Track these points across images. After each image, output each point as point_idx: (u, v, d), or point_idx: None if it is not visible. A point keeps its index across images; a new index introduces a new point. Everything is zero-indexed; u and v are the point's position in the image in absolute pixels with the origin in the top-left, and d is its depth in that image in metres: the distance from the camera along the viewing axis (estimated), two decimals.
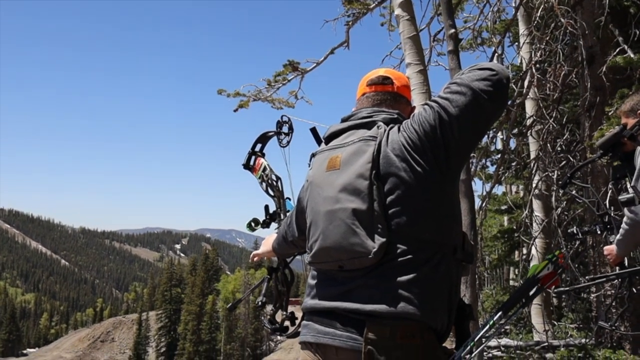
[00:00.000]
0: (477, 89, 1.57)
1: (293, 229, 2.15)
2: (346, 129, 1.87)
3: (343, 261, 1.66)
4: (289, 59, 9.04)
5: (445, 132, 1.60)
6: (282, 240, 2.29)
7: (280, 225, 2.38)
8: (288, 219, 2.22)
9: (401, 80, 1.98)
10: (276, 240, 2.37)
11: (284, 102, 9.43)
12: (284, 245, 2.31)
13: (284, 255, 2.57)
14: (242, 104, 9.26)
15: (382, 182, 1.63)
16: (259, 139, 3.06)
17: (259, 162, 3.02)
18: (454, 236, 1.69)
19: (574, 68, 6.91)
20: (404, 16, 6.05)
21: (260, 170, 2.99)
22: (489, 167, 10.19)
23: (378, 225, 1.60)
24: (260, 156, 3.05)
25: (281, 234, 2.29)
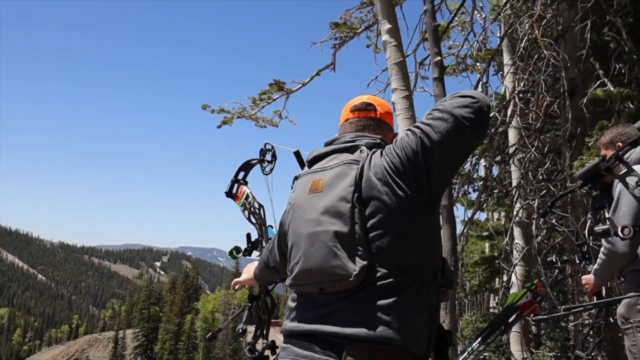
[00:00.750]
0: (458, 116, 1.59)
1: (275, 254, 2.14)
2: (329, 152, 1.88)
3: (324, 283, 1.65)
4: (274, 79, 9.10)
5: (427, 157, 1.61)
6: (264, 267, 2.27)
7: (262, 253, 2.36)
8: (270, 244, 2.22)
9: (384, 107, 2.00)
10: (258, 267, 2.36)
11: (268, 121, 9.45)
12: (265, 272, 2.29)
13: (266, 282, 2.56)
14: (226, 120, 9.26)
15: (364, 205, 1.64)
16: (242, 167, 3.07)
17: (241, 190, 3.03)
18: (434, 261, 1.69)
19: (556, 99, 7.02)
20: (391, 42, 6.13)
21: (243, 198, 2.99)
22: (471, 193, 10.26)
23: (359, 248, 1.60)
24: (243, 184, 3.06)
25: (263, 260, 2.27)
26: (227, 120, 9.25)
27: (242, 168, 3.07)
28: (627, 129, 3.38)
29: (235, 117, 9.27)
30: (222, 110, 9.24)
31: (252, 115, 9.36)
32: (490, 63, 8.57)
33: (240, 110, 9.28)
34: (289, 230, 1.84)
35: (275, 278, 2.39)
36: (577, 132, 6.09)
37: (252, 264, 2.47)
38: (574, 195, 5.96)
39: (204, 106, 9.24)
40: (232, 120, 9.27)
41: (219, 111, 9.24)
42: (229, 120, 9.26)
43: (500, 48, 8.83)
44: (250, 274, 2.45)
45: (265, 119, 9.48)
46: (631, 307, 3.07)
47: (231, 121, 9.27)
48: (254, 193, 2.98)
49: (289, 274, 1.81)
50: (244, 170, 3.08)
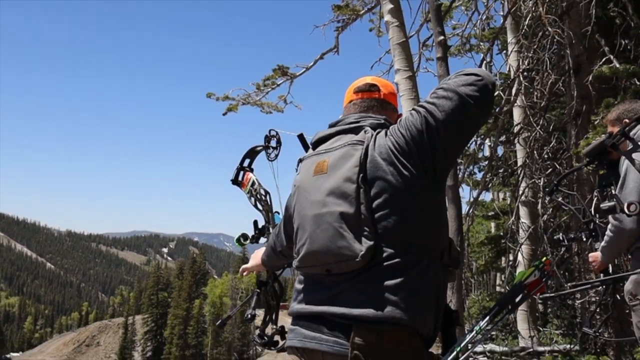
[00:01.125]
0: (463, 94, 1.59)
1: (281, 238, 2.14)
2: (334, 134, 1.88)
3: (330, 265, 1.65)
4: (278, 64, 9.06)
5: (431, 136, 1.61)
6: (271, 252, 2.28)
7: (269, 238, 2.37)
8: (276, 229, 2.22)
9: (388, 87, 2.00)
10: (265, 253, 2.36)
11: (273, 107, 9.44)
12: (273, 257, 2.30)
13: (274, 267, 2.56)
14: (231, 107, 9.25)
15: (369, 185, 1.64)
16: (247, 154, 3.07)
17: (247, 177, 3.03)
18: (441, 241, 1.69)
19: (561, 77, 6.97)
20: (394, 22, 6.08)
21: (249, 185, 3.00)
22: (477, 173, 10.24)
23: (365, 228, 1.60)
24: (248, 171, 3.06)
25: (270, 245, 2.28)
26: (232, 107, 9.25)
27: (247, 155, 3.07)
28: (633, 105, 3.35)
29: (240, 103, 9.26)
30: (227, 98, 9.23)
31: (257, 102, 9.35)
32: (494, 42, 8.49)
33: (245, 96, 9.27)
34: (294, 213, 1.84)
35: (283, 263, 2.39)
36: (582, 109, 6.05)
37: (260, 250, 2.48)
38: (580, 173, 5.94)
39: (209, 94, 9.23)
40: (237, 107, 9.26)
41: (224, 98, 9.23)
42: (234, 107, 9.25)
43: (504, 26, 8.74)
44: (257, 260, 2.46)
45: (270, 105, 9.47)
46: (638, 283, 3.08)
47: (236, 108, 9.26)
48: (259, 180, 2.99)
49: (295, 256, 1.81)
50: (249, 157, 3.08)
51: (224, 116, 9.38)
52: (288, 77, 9.17)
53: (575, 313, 8.17)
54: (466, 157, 8.35)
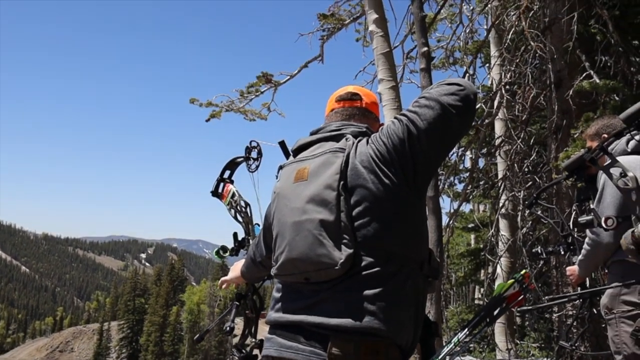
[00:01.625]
0: (445, 103, 1.60)
1: (261, 248, 2.13)
2: (315, 141, 1.88)
3: (309, 273, 1.64)
4: (262, 71, 9.09)
5: (413, 145, 1.62)
6: (251, 263, 2.27)
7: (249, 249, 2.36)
8: (256, 239, 2.21)
9: (370, 97, 2.02)
10: (245, 264, 2.35)
11: (256, 114, 9.44)
12: (252, 268, 2.29)
13: (253, 279, 2.54)
14: (214, 114, 9.23)
15: (349, 193, 1.64)
16: (228, 165, 3.08)
17: (227, 189, 3.03)
18: (421, 251, 1.69)
19: (543, 91, 7.06)
20: (378, 32, 6.12)
21: (229, 197, 3.00)
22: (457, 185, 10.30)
23: (345, 236, 1.60)
24: (228, 183, 3.06)
25: (249, 256, 2.27)
26: (215, 114, 9.23)
27: (228, 166, 3.08)
28: (612, 120, 3.39)
29: (223, 110, 9.27)
30: (210, 104, 9.22)
31: (241, 109, 9.36)
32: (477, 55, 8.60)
33: (228, 103, 9.28)
34: (273, 220, 1.83)
35: (263, 274, 2.38)
36: (562, 124, 6.13)
37: (239, 262, 2.46)
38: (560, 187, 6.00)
39: (192, 100, 9.21)
40: (220, 114, 9.26)
41: (207, 104, 9.22)
42: (217, 113, 9.24)
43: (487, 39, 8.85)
44: (237, 272, 2.45)
45: (253, 112, 9.48)
46: (614, 297, 3.10)
47: (219, 114, 9.25)
48: (240, 191, 2.98)
49: (273, 264, 1.79)
50: (230, 169, 3.08)
51: (207, 122, 9.37)
52: (272, 84, 9.19)
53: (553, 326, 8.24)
54: (447, 168, 8.40)
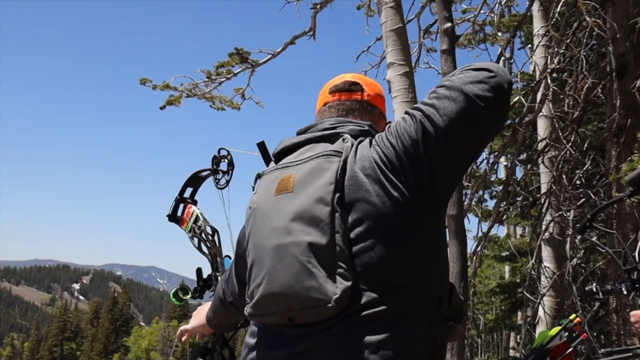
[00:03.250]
0: (470, 94, 1.60)
1: (233, 283, 2.14)
2: (303, 142, 1.89)
3: (294, 312, 1.64)
4: (236, 47, 9.06)
5: (429, 147, 1.63)
6: (220, 304, 2.28)
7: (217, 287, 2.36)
8: (226, 273, 2.22)
9: (373, 87, 2.04)
10: (211, 308, 2.37)
11: (226, 102, 9.44)
12: (222, 312, 2.30)
13: (223, 327, 2.56)
14: (171, 100, 9.21)
15: (347, 209, 1.65)
16: (189, 181, 3.11)
17: (188, 212, 3.06)
18: (439, 285, 1.70)
19: (601, 80, 7.08)
20: (388, 3, 6.11)
21: (191, 222, 3.02)
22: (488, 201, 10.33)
23: (341, 264, 1.60)
24: (190, 203, 3.09)
25: (218, 296, 2.28)
26: (173, 100, 9.21)
27: (189, 183, 3.10)
28: None
29: (184, 95, 9.23)
30: (167, 87, 9.19)
31: (207, 94, 9.35)
32: (515, 33, 8.62)
33: (190, 87, 9.26)
34: (248, 244, 1.83)
35: (236, 320, 2.42)
36: (627, 124, 6.14)
37: (204, 307, 2.47)
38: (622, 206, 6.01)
39: (143, 80, 9.17)
40: (179, 100, 9.23)
41: (163, 87, 9.19)
42: (175, 99, 9.21)
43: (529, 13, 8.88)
44: (201, 318, 2.45)
45: (223, 99, 9.48)
46: None
47: (178, 101, 9.23)
48: (205, 215, 3.00)
49: (247, 300, 1.79)
50: (192, 186, 3.11)
51: (162, 110, 9.33)
52: (248, 64, 9.19)
53: None
54: (474, 179, 8.41)
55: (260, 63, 9.24)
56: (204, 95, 9.32)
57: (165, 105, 9.27)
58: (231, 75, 9.29)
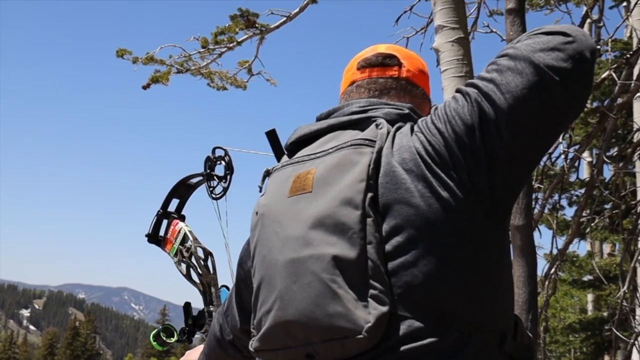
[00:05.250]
0: (541, 65, 1.55)
1: (233, 315, 2.15)
2: (325, 130, 1.89)
3: (314, 345, 1.63)
4: (241, 8, 8.94)
5: (488, 135, 1.59)
6: (215, 345, 2.28)
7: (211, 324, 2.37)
8: (224, 304, 2.24)
9: (414, 61, 2.03)
10: (205, 351, 2.37)
11: (228, 79, 9.39)
12: (218, 355, 2.31)
13: None
14: (157, 76, 9.18)
15: (382, 214, 1.63)
16: (175, 190, 3.09)
17: (174, 230, 3.02)
18: (501, 315, 1.67)
19: None
20: None
21: (177, 242, 2.97)
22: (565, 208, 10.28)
23: (374, 284, 1.57)
24: (177, 219, 3.05)
25: (213, 334, 2.29)
26: (159, 77, 9.16)
27: (175, 193, 3.08)
28: None
29: (173, 71, 9.19)
30: (152, 60, 9.16)
31: (203, 69, 9.28)
32: None
33: (182, 59, 9.21)
34: (254, 260, 1.84)
35: None
36: None
37: (194, 351, 2.48)
38: None
39: (121, 52, 9.17)
40: (167, 77, 9.18)
41: (146, 61, 9.16)
42: (162, 76, 9.17)
43: None
44: None
45: (224, 76, 9.41)
46: None
47: (166, 78, 9.18)
48: (195, 233, 2.96)
49: (253, 331, 1.80)
50: (179, 197, 3.09)
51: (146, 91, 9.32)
52: (256, 30, 9.13)
53: None
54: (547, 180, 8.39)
55: (272, 28, 9.18)
56: (199, 71, 9.26)
57: (149, 83, 9.21)
58: (234, 45, 9.23)
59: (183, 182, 3.06)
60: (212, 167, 2.90)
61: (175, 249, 2.97)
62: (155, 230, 3.05)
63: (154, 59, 9.16)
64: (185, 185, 3.07)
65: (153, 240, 3.05)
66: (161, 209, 3.06)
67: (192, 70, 9.26)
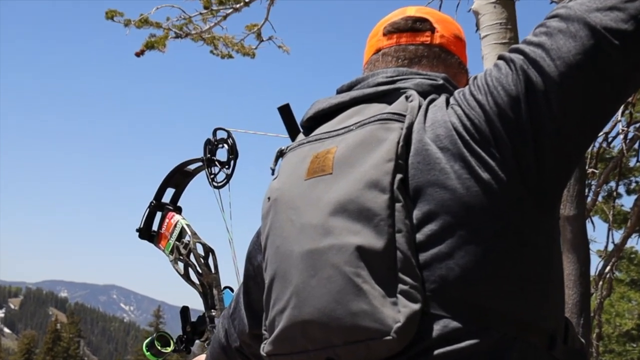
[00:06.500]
0: (598, 27, 1.51)
1: (241, 318, 2.16)
2: (347, 103, 1.87)
3: (335, 349, 1.61)
4: None
5: (535, 107, 1.55)
6: (220, 353, 2.31)
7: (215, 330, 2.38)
8: (230, 305, 2.26)
9: (448, 26, 2.01)
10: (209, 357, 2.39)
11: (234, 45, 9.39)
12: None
13: None
14: (152, 42, 9.19)
15: (413, 198, 1.61)
16: (171, 178, 3.08)
17: (169, 223, 3.02)
18: (549, 315, 1.63)
19: None
20: None
21: (173, 238, 2.97)
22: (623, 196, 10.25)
23: (404, 278, 1.54)
24: (172, 211, 3.04)
25: (217, 341, 2.32)
26: (154, 42, 9.17)
27: (170, 181, 3.08)
28: None
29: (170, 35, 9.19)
30: (146, 23, 9.16)
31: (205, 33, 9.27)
32: None
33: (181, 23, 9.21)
34: (267, 251, 1.84)
35: None
36: None
37: (199, 358, 2.50)
38: None
39: (111, 14, 9.20)
40: (164, 42, 9.18)
41: (139, 24, 9.17)
42: (158, 41, 9.17)
43: None
44: None
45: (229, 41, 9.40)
46: None
47: (163, 43, 9.17)
48: (194, 227, 2.95)
49: (265, 333, 1.81)
50: (174, 185, 3.09)
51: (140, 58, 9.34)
52: None
53: None
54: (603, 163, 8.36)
55: None
56: (200, 36, 9.25)
57: (143, 49, 9.22)
58: (241, 5, 9.18)
59: (179, 169, 3.05)
60: (214, 151, 2.89)
61: (170, 246, 2.97)
62: (147, 224, 3.06)
63: (148, 22, 9.16)
64: (181, 173, 3.06)
65: (145, 236, 3.05)
66: (154, 200, 3.05)
67: (193, 34, 9.25)
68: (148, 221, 3.04)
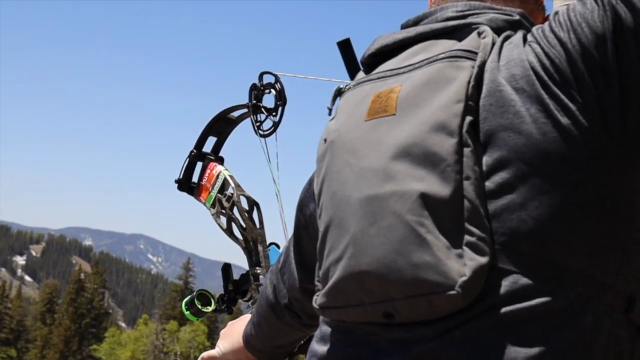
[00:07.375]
0: None
1: (291, 272, 2.18)
2: (412, 39, 1.84)
3: (394, 302, 1.59)
4: None
5: (624, 48, 1.48)
6: (268, 312, 2.31)
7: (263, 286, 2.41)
8: (279, 259, 2.27)
9: None
10: (253, 319, 2.40)
11: None
12: (271, 324, 2.34)
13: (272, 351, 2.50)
14: None
15: (483, 143, 1.58)
16: (212, 126, 3.07)
17: (211, 174, 3.02)
18: (629, 275, 1.58)
19: None
20: None
21: (215, 190, 2.96)
22: None
23: (471, 229, 1.52)
24: (214, 161, 3.04)
25: (265, 298, 2.33)
26: None
27: (212, 129, 3.08)
28: None
29: None
30: None
31: None
32: None
33: None
34: (321, 197, 1.82)
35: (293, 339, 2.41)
36: None
37: (239, 321, 2.53)
38: None
39: None
40: None
41: None
42: None
43: None
44: (235, 339, 2.49)
45: None
46: None
47: None
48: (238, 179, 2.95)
49: (318, 284, 1.79)
50: (217, 133, 3.09)
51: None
52: None
53: None
54: None
55: None
56: None
57: None
58: None
59: (222, 116, 3.04)
60: (260, 97, 2.87)
61: (212, 198, 2.97)
62: (187, 174, 3.06)
63: None
64: (224, 120, 3.05)
65: (184, 188, 3.06)
66: (195, 149, 3.06)
67: None
68: (188, 172, 3.05)
